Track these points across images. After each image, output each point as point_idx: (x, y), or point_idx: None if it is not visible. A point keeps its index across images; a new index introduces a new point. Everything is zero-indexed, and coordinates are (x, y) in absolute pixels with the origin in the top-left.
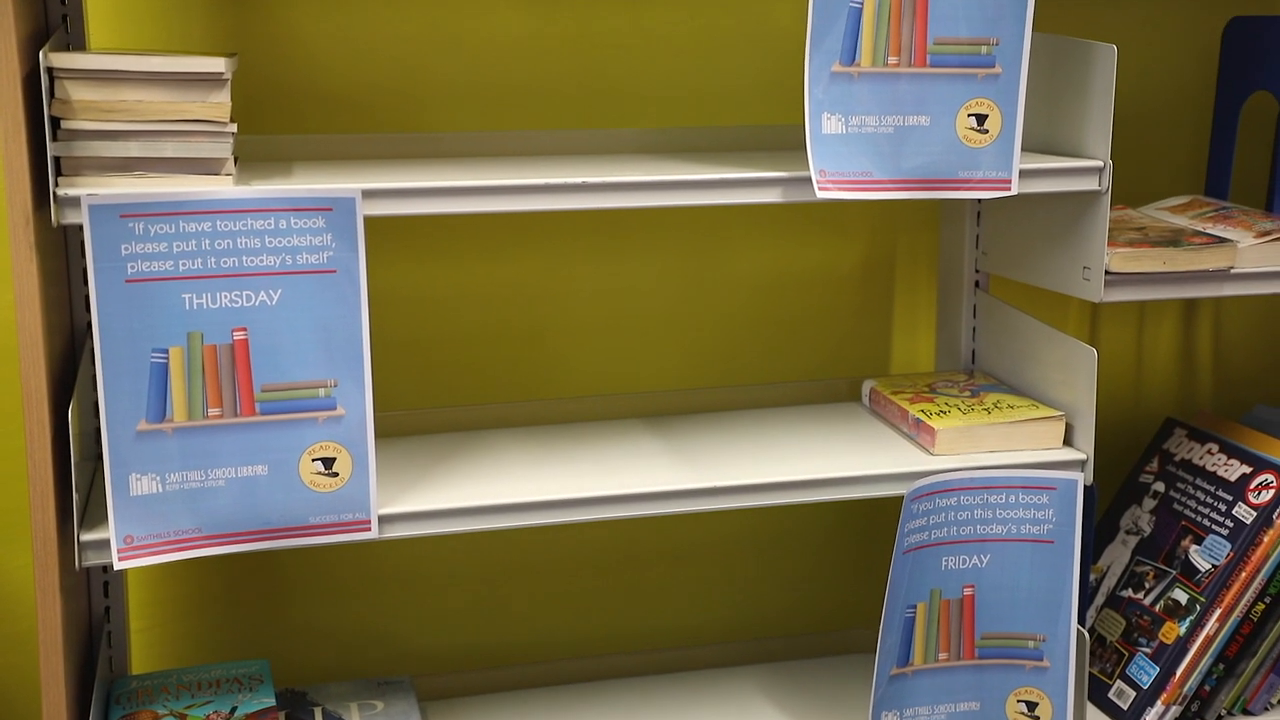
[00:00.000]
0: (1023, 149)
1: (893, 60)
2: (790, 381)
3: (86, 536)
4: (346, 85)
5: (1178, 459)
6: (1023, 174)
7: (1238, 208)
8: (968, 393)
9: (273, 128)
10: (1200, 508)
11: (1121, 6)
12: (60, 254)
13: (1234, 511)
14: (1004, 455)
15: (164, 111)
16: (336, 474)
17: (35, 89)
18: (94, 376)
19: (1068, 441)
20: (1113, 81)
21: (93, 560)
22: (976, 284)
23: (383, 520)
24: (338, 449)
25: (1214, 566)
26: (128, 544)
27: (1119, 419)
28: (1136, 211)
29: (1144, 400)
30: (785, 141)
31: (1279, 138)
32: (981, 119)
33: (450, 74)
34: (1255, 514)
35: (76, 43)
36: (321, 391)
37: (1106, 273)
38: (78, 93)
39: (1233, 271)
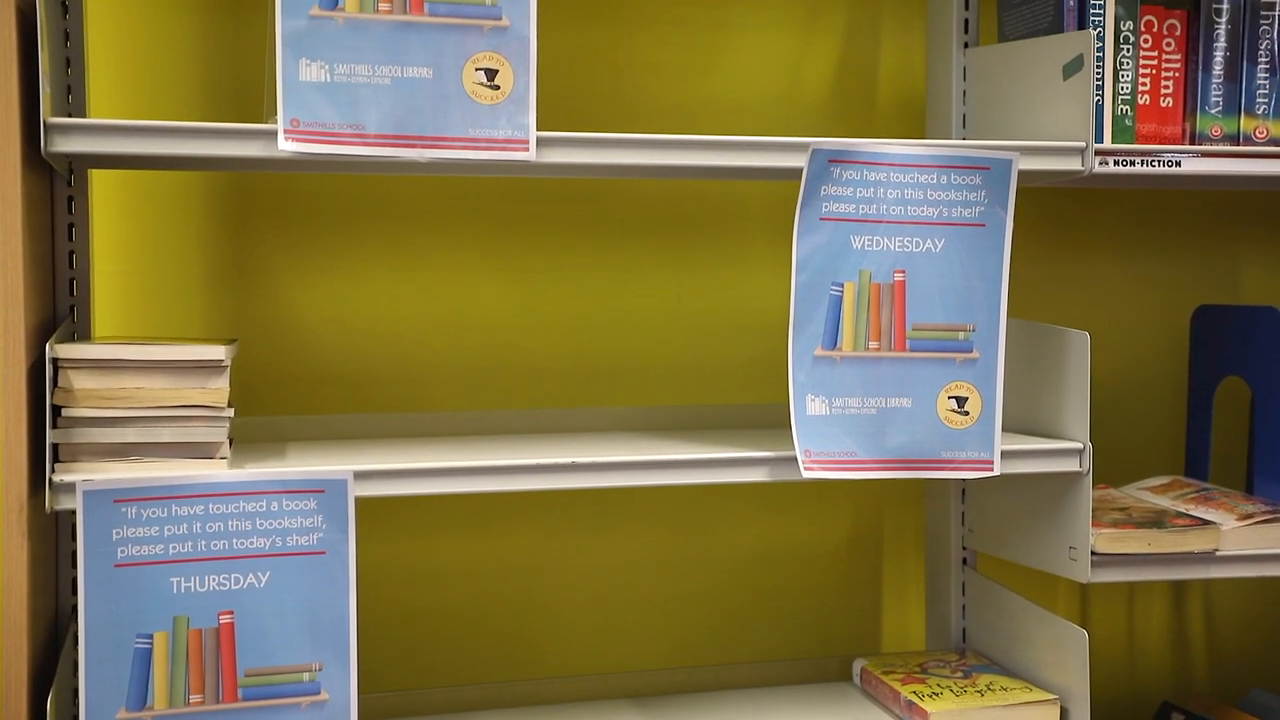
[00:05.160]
0: (1004, 429)
1: (873, 345)
2: (780, 660)
3: None
4: (341, 366)
5: None
6: (1005, 455)
7: (1219, 489)
8: (960, 673)
9: (268, 409)
10: None
11: (1092, 293)
12: (50, 537)
13: None
14: None
15: (163, 398)
16: None
17: (40, 376)
18: (75, 662)
19: None
20: (1088, 367)
21: None
22: (965, 561)
23: None
24: None
25: None
26: None
27: (1114, 701)
28: (1119, 491)
29: (1139, 681)
30: (770, 420)
31: (1254, 422)
32: (962, 401)
33: (442, 354)
34: None
35: (83, 330)
36: (306, 675)
37: (1092, 553)
38: (80, 381)
39: (1218, 554)
